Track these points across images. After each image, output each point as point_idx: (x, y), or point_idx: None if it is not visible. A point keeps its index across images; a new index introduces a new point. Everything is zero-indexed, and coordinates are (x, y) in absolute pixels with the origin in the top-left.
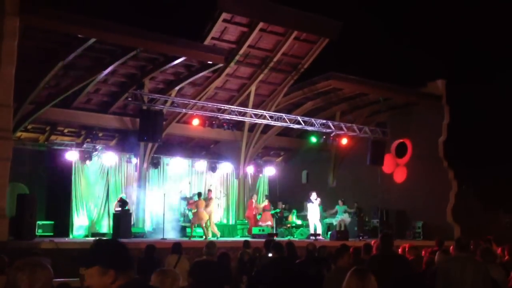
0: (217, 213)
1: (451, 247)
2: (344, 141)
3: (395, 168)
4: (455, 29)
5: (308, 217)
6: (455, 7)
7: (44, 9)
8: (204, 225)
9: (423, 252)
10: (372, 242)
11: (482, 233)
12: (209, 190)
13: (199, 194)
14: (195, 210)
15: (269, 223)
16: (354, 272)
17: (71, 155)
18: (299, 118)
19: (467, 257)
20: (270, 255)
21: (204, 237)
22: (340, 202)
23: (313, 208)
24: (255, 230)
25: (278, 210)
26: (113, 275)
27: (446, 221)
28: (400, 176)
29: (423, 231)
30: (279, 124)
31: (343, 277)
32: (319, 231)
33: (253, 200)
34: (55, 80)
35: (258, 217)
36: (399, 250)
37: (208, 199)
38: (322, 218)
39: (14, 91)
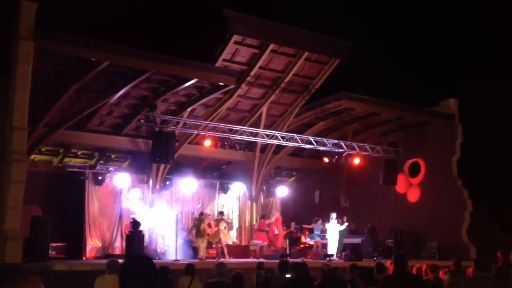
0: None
1: (470, 268)
2: (357, 161)
3: (409, 188)
4: (467, 47)
5: (327, 236)
6: (467, 26)
7: (58, 33)
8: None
9: (441, 273)
10: (388, 262)
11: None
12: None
13: (200, 213)
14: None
15: (259, 241)
16: None
17: (84, 177)
18: (311, 138)
19: (486, 277)
20: (288, 275)
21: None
22: (318, 219)
23: (331, 228)
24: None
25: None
26: None
27: (461, 241)
28: (413, 196)
29: (439, 251)
30: (291, 144)
31: None
32: (333, 251)
33: (266, 222)
34: (68, 103)
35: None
36: (422, 271)
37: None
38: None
39: (28, 114)
